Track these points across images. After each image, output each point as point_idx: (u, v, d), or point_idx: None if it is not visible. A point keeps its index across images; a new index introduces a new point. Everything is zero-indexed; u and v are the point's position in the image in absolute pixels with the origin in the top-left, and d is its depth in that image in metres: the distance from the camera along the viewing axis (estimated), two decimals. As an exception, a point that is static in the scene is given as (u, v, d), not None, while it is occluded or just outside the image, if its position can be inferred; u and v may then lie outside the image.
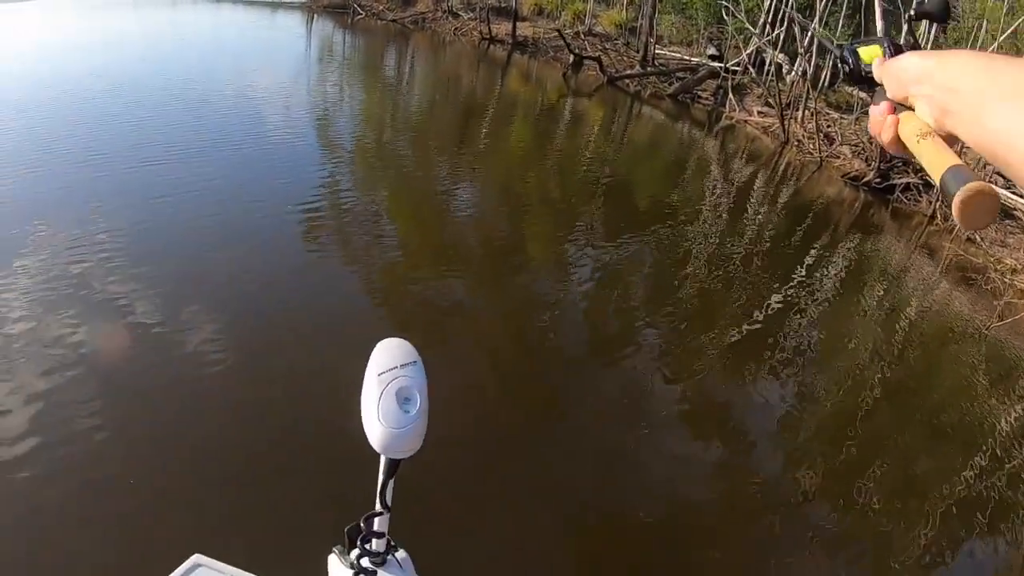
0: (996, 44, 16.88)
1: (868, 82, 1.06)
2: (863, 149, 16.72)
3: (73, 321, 5.96)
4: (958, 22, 21.98)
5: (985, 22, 18.59)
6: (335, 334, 6.31)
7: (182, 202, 9.03)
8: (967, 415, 7.25)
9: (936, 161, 0.81)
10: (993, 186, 0.71)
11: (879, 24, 19.53)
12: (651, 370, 6.94)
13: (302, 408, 5.29)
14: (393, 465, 1.30)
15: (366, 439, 1.26)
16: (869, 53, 1.08)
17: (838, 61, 1.14)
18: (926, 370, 8.27)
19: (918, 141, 0.84)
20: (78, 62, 18.97)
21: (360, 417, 1.28)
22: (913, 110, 0.88)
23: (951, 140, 0.82)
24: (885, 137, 0.93)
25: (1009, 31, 16.38)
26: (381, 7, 45.73)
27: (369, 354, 1.32)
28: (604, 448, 5.61)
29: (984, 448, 6.57)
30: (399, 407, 1.25)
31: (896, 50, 1.03)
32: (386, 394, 1.24)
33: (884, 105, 0.93)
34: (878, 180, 15.33)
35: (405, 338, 1.38)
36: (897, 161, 15.35)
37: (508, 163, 14.36)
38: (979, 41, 18.50)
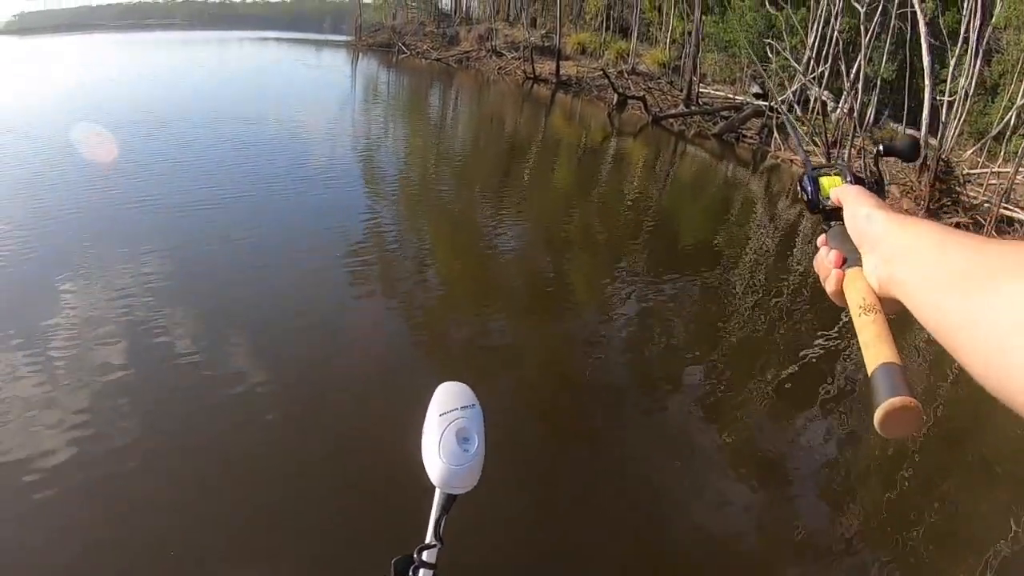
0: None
1: (825, 214, 1.08)
2: (911, 188, 16.51)
3: (119, 364, 6.01)
4: (1002, 54, 21.75)
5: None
6: (384, 379, 6.28)
7: (231, 245, 9.21)
8: None
9: (872, 349, 0.78)
10: (918, 403, 0.69)
11: (926, 59, 19.54)
12: (695, 410, 6.88)
13: (355, 455, 5.31)
14: (449, 500, 1.36)
15: (425, 473, 1.34)
16: (830, 183, 1.09)
17: (797, 187, 1.16)
18: (981, 412, 8.11)
19: (860, 314, 0.83)
20: (127, 99, 19.67)
21: (420, 453, 1.36)
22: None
23: (895, 301, 0.79)
24: (828, 287, 0.95)
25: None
26: (425, 46, 46.61)
27: (426, 396, 1.43)
28: (651, 487, 5.59)
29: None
30: (459, 445, 1.34)
31: (856, 181, 1.07)
32: (447, 433, 1.34)
33: (833, 255, 0.95)
34: (927, 221, 14.88)
35: (464, 382, 1.46)
36: (947, 200, 15.12)
37: (552, 203, 14.44)
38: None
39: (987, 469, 7.01)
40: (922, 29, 18.16)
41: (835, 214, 1.03)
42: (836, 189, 1.04)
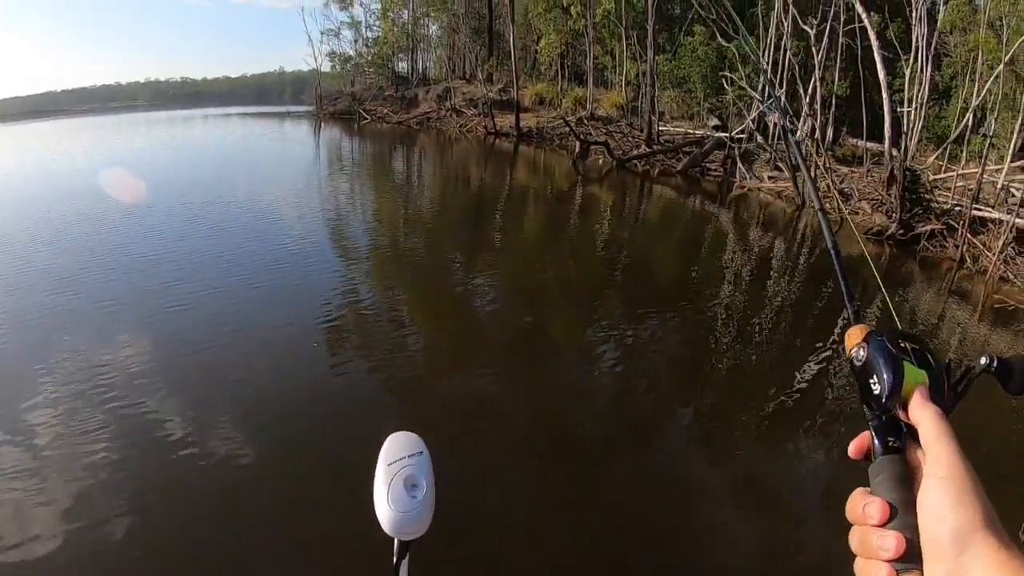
0: (995, 75, 16.86)
1: (883, 420, 0.84)
2: (882, 202, 16.55)
3: (102, 439, 6.01)
4: (950, 57, 22.10)
5: (980, 54, 18.60)
6: (367, 444, 6.16)
7: (206, 318, 9.16)
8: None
9: None
10: None
11: (881, 72, 19.74)
12: (686, 448, 6.67)
13: (328, 518, 5.17)
14: (403, 547, 1.40)
15: (378, 524, 1.36)
16: (912, 375, 0.84)
17: (856, 369, 0.89)
18: (989, 427, 7.97)
19: None
20: (89, 188, 19.50)
21: (372, 504, 1.38)
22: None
23: None
24: (854, 544, 0.78)
25: (1006, 58, 16.31)
26: (386, 110, 46.89)
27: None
28: (648, 526, 5.43)
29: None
30: (407, 492, 1.38)
31: (942, 391, 0.85)
32: (395, 481, 1.38)
33: (877, 507, 0.76)
34: (901, 232, 15.03)
35: (412, 431, 1.49)
36: (918, 209, 15.14)
37: (524, 254, 14.26)
38: (976, 74, 18.50)
39: (997, 487, 6.81)
40: (874, 43, 18.39)
41: (895, 426, 0.83)
42: (918, 403, 0.81)
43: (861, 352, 0.87)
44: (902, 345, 0.85)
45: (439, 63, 54.27)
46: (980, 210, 14.04)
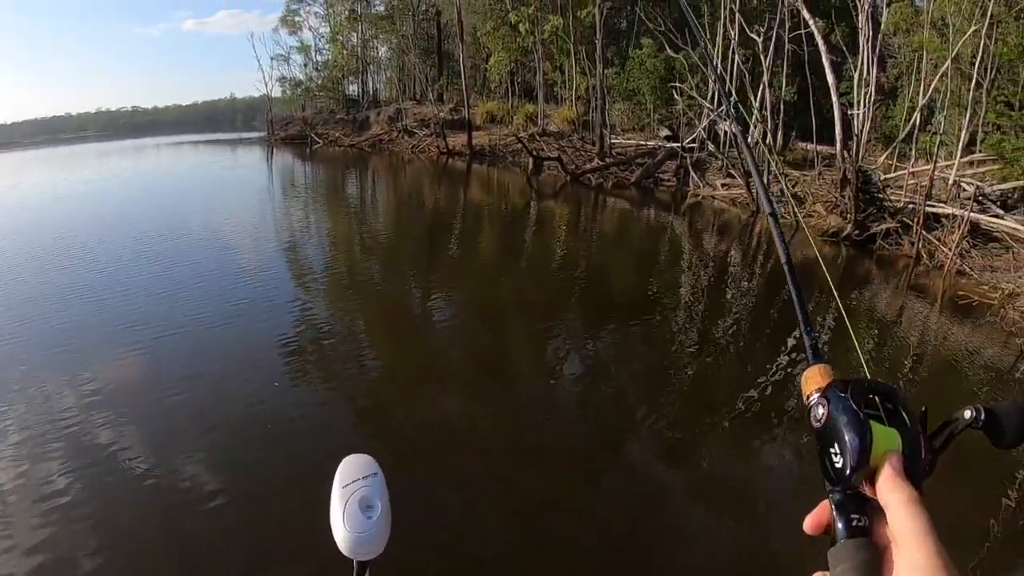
0: (940, 73, 16.99)
1: (846, 494, 0.73)
2: (836, 204, 16.59)
3: (62, 473, 5.95)
4: (895, 58, 22.40)
5: (925, 54, 18.81)
6: (325, 469, 5.89)
7: (166, 348, 8.97)
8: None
9: None
10: None
11: (830, 76, 19.96)
12: (651, 457, 6.55)
13: (287, 541, 5.10)
14: (362, 567, 1.40)
15: (336, 546, 1.35)
16: (884, 438, 0.72)
17: (813, 429, 0.77)
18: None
19: None
20: (41, 224, 18.95)
21: (329, 527, 1.37)
22: None
23: None
24: None
25: (953, 53, 16.44)
26: (338, 133, 46.50)
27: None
28: (616, 535, 5.27)
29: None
30: (362, 514, 1.37)
31: (919, 453, 0.73)
32: (350, 503, 1.38)
33: None
34: (857, 233, 15.04)
35: (367, 453, 1.49)
36: (872, 209, 15.17)
37: (481, 273, 14.10)
38: (922, 72, 18.68)
39: (960, 480, 6.72)
40: (821, 48, 18.59)
41: (860, 501, 0.72)
42: (889, 482, 0.69)
43: (820, 410, 0.75)
44: (870, 398, 0.74)
45: (389, 85, 53.93)
46: (933, 207, 14.12)
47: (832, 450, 0.72)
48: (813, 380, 0.82)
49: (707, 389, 8.18)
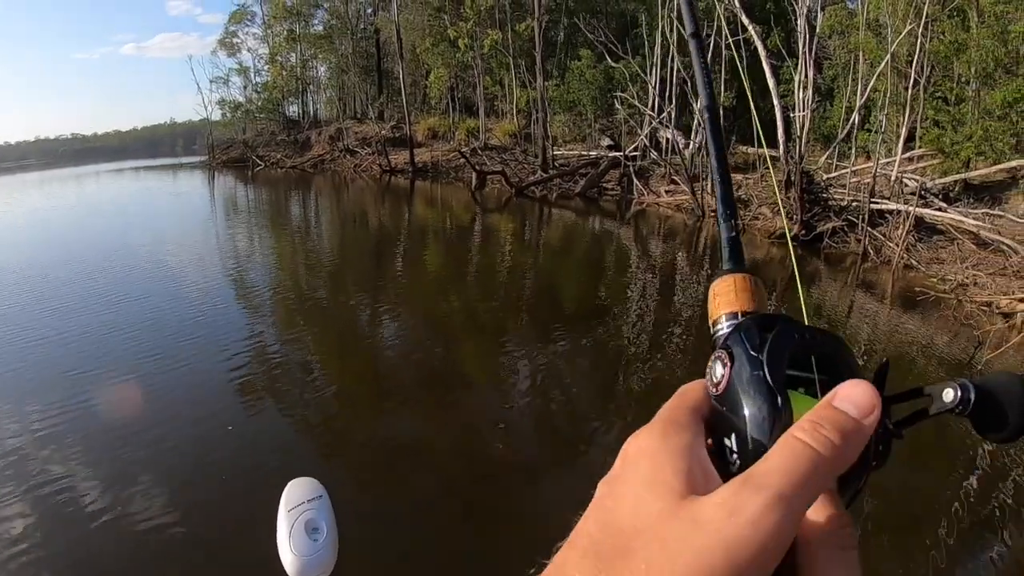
0: (878, 72, 17.14)
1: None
2: (781, 205, 16.61)
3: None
4: (830, 60, 22.67)
5: (861, 55, 19.01)
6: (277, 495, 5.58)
7: (114, 374, 8.69)
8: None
9: None
10: None
11: (771, 80, 20.05)
12: (606, 465, 6.34)
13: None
14: None
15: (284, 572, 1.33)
16: (802, 404, 0.46)
17: (712, 387, 0.50)
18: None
19: None
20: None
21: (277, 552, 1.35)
22: None
23: None
24: None
25: (890, 52, 16.59)
26: (279, 155, 45.76)
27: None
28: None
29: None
30: (308, 537, 1.37)
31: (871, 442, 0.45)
32: (296, 526, 1.37)
33: None
34: (804, 233, 15.02)
35: (312, 476, 1.47)
36: (817, 209, 15.23)
37: (429, 289, 13.79)
38: (859, 73, 18.88)
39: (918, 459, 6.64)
40: (761, 52, 18.71)
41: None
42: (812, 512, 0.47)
43: (719, 369, 0.50)
44: (797, 355, 0.48)
45: (329, 104, 53.46)
46: (878, 203, 14.24)
47: (727, 439, 0.47)
48: (725, 298, 0.57)
49: (661, 394, 7.97)
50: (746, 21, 20.27)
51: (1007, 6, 15.38)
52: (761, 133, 21.32)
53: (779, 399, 0.46)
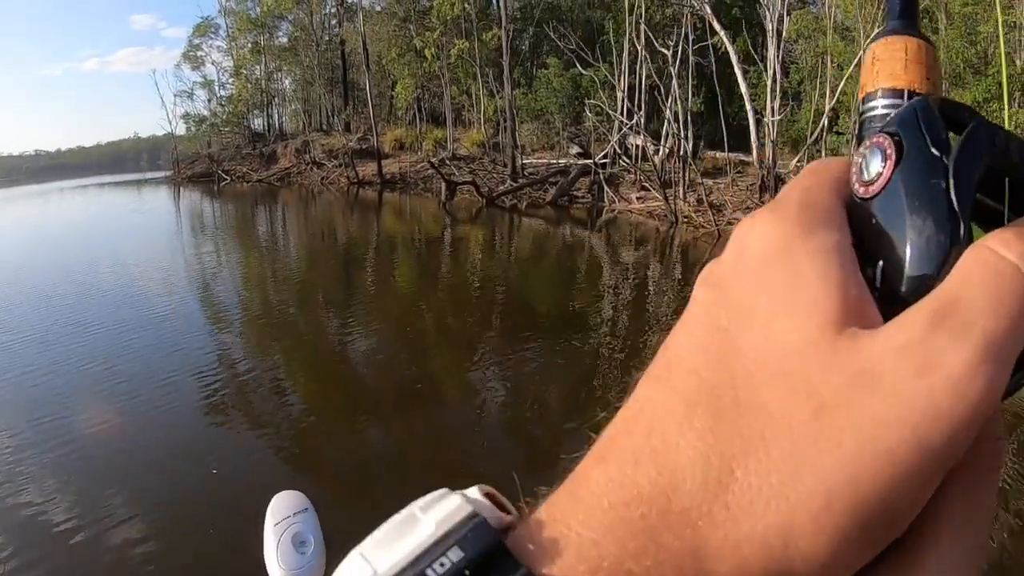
0: (847, 75, 17.18)
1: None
2: (752, 209, 16.64)
3: None
4: (797, 64, 22.79)
5: (829, 58, 19.09)
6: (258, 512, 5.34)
7: (83, 397, 8.53)
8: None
9: None
10: None
11: (743, 85, 20.15)
12: None
13: None
14: None
15: None
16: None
17: (861, 184, 0.35)
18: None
19: None
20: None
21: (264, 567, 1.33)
22: None
23: None
24: None
25: (856, 58, 16.65)
26: (245, 169, 45.19)
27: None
28: None
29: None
30: (296, 550, 1.35)
31: None
32: (283, 540, 1.36)
33: None
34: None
35: (298, 489, 1.46)
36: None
37: (400, 302, 13.65)
38: (827, 77, 18.95)
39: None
40: (733, 58, 18.79)
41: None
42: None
43: (876, 162, 0.35)
44: (989, 172, 0.34)
45: (295, 117, 52.97)
46: None
47: (869, 265, 0.33)
48: (888, 67, 0.39)
49: None
50: (717, 26, 20.44)
51: (975, 7, 15.44)
52: (727, 137, 21.59)
53: (962, 228, 0.32)
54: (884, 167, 0.34)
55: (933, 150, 0.33)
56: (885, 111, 0.38)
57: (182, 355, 10.30)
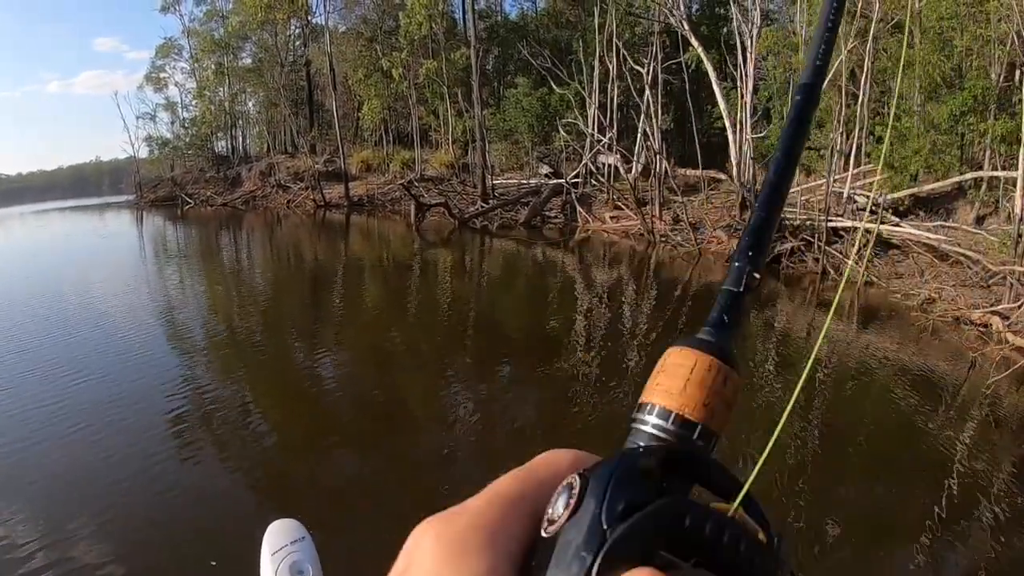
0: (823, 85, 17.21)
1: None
2: (736, 227, 16.46)
3: None
4: (766, 80, 22.86)
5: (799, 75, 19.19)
6: (237, 538, 5.20)
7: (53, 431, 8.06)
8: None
9: None
10: None
11: (722, 104, 20.11)
12: None
13: None
14: None
15: None
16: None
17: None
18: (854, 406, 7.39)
19: None
20: None
21: None
22: None
23: None
24: None
25: (831, 73, 16.59)
26: (209, 192, 44.49)
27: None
28: None
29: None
30: None
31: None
32: (281, 569, 1.30)
33: None
34: (762, 254, 14.72)
35: (294, 517, 1.37)
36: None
37: (371, 327, 13.33)
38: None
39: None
40: (712, 74, 18.75)
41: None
42: None
43: (561, 503, 0.37)
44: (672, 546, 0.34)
45: (260, 139, 52.38)
46: (833, 221, 14.25)
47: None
48: (669, 382, 0.42)
49: (615, 419, 7.78)
50: (695, 42, 20.45)
51: (950, 21, 15.43)
52: (700, 155, 21.52)
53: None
54: (563, 515, 0.35)
55: (603, 521, 0.33)
56: (653, 430, 0.39)
57: (152, 386, 9.94)
